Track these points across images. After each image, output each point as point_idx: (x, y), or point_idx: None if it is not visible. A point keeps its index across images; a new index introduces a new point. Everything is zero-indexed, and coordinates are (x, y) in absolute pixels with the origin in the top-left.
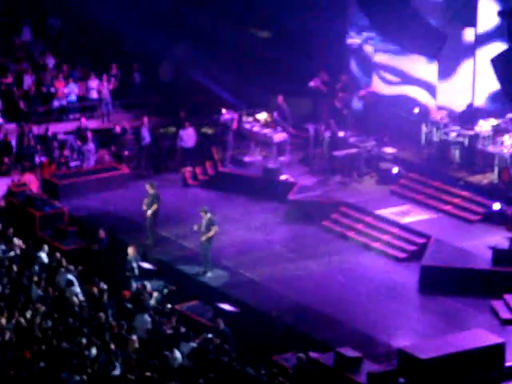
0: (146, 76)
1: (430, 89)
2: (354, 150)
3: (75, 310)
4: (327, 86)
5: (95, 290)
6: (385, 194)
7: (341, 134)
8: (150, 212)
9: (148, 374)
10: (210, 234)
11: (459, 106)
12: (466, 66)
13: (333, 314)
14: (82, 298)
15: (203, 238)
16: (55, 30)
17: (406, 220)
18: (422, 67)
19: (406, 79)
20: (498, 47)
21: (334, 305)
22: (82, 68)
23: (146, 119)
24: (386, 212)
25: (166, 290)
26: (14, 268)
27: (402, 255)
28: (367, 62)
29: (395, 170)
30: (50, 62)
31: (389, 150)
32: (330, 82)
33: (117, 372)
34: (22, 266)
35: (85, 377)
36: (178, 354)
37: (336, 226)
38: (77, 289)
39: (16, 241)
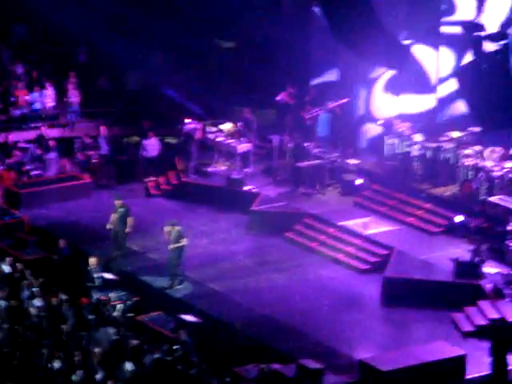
0: (111, 85)
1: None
2: (317, 161)
3: (34, 321)
4: (294, 98)
5: (54, 300)
6: (348, 206)
7: (305, 144)
8: (128, 229)
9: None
10: (179, 244)
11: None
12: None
13: (295, 325)
14: (42, 310)
15: (171, 248)
16: (21, 38)
17: (368, 231)
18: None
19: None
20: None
21: (297, 316)
22: (45, 76)
23: (103, 129)
24: (349, 223)
25: (129, 302)
26: None
27: (364, 267)
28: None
29: (359, 181)
30: (19, 69)
31: (352, 161)
32: (297, 94)
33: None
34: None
35: None
36: (128, 366)
37: (299, 237)
38: (38, 302)
39: None
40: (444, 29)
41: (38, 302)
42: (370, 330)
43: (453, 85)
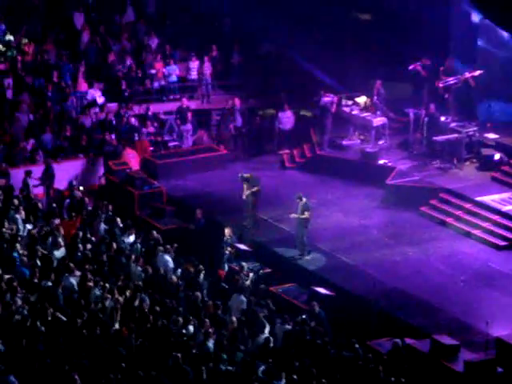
0: (246, 57)
1: None
2: (454, 135)
3: (172, 288)
4: (428, 70)
5: (191, 269)
6: (485, 181)
7: (442, 118)
8: (247, 193)
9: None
10: (302, 216)
11: None
12: None
13: (430, 300)
14: (178, 277)
15: (297, 220)
16: (154, 11)
17: (507, 208)
18: None
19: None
20: None
21: (431, 291)
22: (183, 49)
23: (237, 101)
24: (486, 199)
25: (261, 271)
26: (114, 246)
27: (502, 243)
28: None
29: (497, 156)
30: (154, 42)
31: (491, 135)
32: (432, 67)
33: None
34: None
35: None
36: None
37: (434, 212)
38: (175, 270)
39: (118, 219)
40: None
41: (175, 271)
42: (508, 307)
43: None
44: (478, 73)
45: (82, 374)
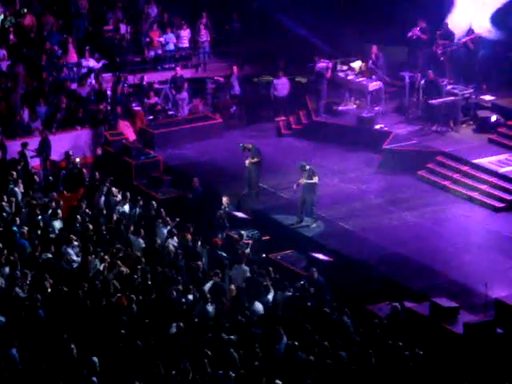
0: (242, 25)
1: None
2: (450, 98)
3: (171, 258)
4: (426, 33)
5: (189, 237)
6: (482, 143)
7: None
8: (248, 162)
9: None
10: (311, 181)
11: None
12: None
13: (428, 263)
14: (178, 248)
15: (305, 186)
16: None
17: (504, 169)
18: None
19: None
20: None
21: (430, 255)
22: (178, 17)
23: (235, 68)
24: (483, 161)
25: (260, 239)
26: (114, 217)
27: (500, 205)
28: None
29: (493, 118)
30: (153, 10)
31: (487, 97)
32: (429, 30)
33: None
34: (121, 216)
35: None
36: (258, 306)
37: (432, 175)
38: (175, 240)
39: (114, 190)
40: None
41: (174, 241)
42: (506, 269)
43: None
44: (475, 35)
45: (80, 345)
